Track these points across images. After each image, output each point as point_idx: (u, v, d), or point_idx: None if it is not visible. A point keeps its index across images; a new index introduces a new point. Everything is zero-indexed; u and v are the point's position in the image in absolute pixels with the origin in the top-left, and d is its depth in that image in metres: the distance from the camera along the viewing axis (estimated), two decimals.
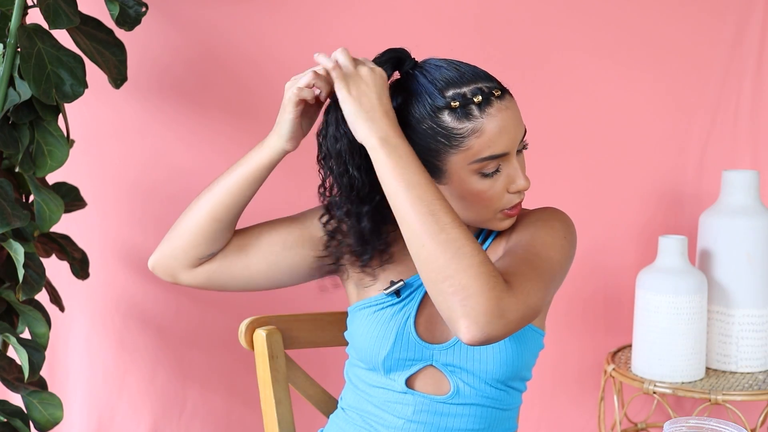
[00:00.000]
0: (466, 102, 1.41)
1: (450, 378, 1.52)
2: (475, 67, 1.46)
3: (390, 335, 1.53)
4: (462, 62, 1.47)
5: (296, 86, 1.44)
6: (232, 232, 1.58)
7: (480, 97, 1.41)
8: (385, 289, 1.54)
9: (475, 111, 1.41)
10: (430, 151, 1.44)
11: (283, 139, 1.48)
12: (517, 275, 1.35)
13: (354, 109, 1.39)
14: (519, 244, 1.46)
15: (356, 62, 1.43)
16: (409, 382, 1.54)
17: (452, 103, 1.41)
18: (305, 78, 1.44)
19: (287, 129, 1.47)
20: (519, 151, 1.48)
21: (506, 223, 1.50)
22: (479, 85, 1.42)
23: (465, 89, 1.42)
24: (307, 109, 1.48)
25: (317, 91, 1.45)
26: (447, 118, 1.42)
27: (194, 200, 1.56)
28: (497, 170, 1.44)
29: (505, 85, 1.47)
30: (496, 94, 1.42)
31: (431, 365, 1.54)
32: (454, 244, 1.31)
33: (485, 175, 1.44)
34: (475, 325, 1.28)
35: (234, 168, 1.52)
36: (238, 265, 1.58)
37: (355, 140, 1.42)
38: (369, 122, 1.38)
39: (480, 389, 1.52)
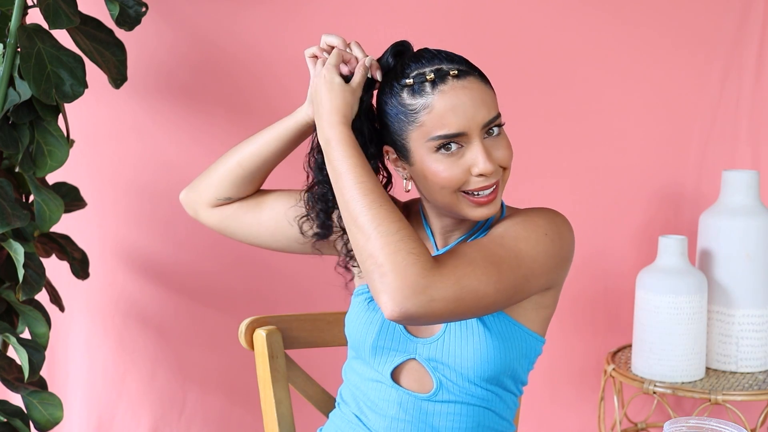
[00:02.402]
0: (421, 80, 1.44)
1: (432, 374, 1.53)
2: (453, 54, 1.48)
3: (376, 321, 1.55)
4: (447, 51, 1.48)
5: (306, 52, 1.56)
6: (255, 186, 1.66)
7: (433, 75, 1.44)
8: None
9: (428, 88, 1.44)
10: (396, 132, 1.47)
11: (306, 103, 1.57)
12: (457, 257, 1.37)
13: (313, 110, 1.51)
14: (490, 234, 1.46)
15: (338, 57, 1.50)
16: (394, 377, 1.56)
17: (408, 81, 1.45)
18: (311, 48, 1.55)
19: (309, 93, 1.55)
20: (496, 135, 1.46)
21: (478, 212, 1.47)
22: (441, 66, 1.45)
23: (426, 69, 1.45)
24: None
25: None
26: (404, 95, 1.45)
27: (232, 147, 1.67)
28: (457, 150, 1.44)
29: (483, 72, 1.47)
30: (452, 73, 1.44)
31: (414, 359, 1.55)
32: (371, 224, 1.36)
33: (444, 155, 1.44)
34: (391, 301, 1.32)
35: (271, 126, 1.62)
36: (250, 217, 1.66)
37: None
38: (318, 123, 1.47)
39: (464, 387, 1.53)
